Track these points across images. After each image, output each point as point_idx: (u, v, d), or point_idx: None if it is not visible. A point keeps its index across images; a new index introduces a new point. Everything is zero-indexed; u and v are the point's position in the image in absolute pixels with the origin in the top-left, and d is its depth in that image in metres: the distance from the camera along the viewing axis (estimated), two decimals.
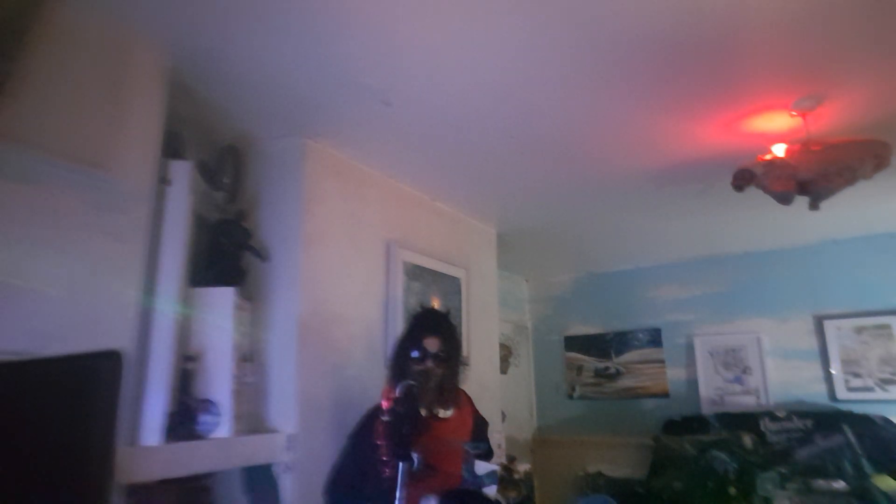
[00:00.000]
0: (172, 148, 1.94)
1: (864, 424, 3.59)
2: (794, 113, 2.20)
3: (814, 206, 2.12)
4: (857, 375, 3.90)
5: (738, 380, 4.28)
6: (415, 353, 1.88)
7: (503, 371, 4.28)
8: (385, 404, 1.61)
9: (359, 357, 2.45)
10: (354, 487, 1.78)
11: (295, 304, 2.21)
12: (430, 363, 1.85)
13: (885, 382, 3.81)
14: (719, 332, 4.43)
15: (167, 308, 1.79)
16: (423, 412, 1.69)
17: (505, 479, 3.27)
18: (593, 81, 2.00)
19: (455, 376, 1.94)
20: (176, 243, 1.85)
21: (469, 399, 2.04)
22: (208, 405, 1.91)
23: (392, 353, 2.00)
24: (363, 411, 1.94)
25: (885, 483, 3.25)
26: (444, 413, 1.86)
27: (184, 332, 1.89)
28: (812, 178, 2.05)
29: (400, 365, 1.91)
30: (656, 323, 4.71)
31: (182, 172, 1.91)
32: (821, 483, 3.40)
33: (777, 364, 4.19)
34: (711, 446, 3.70)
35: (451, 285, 3.22)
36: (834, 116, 2.25)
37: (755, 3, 1.59)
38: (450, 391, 1.88)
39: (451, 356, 1.92)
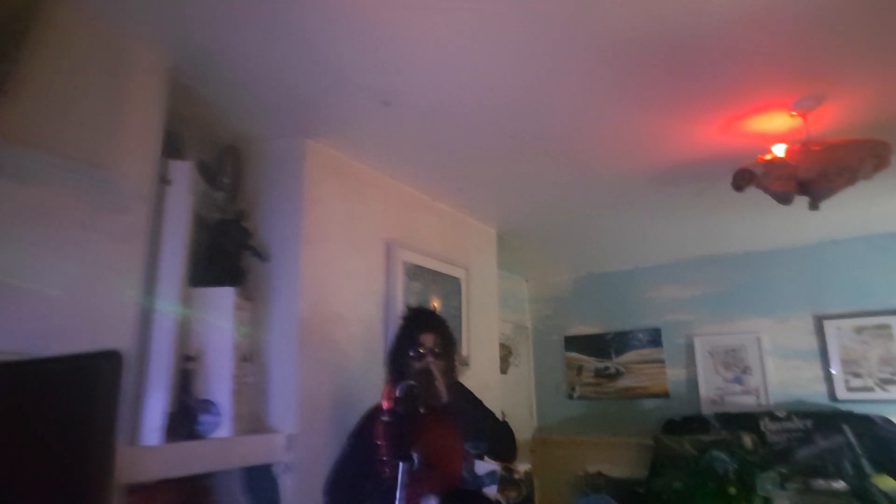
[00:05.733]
0: (172, 148, 1.94)
1: (864, 424, 3.59)
2: (794, 113, 2.20)
3: (814, 206, 2.12)
4: (857, 375, 3.90)
5: (738, 380, 4.28)
6: (412, 352, 1.88)
7: (503, 371, 4.28)
8: (386, 404, 1.61)
9: (359, 357, 2.45)
10: (354, 488, 1.78)
11: (295, 304, 2.21)
12: (427, 361, 1.85)
13: (885, 382, 3.81)
14: (719, 332, 4.43)
15: (167, 308, 1.79)
16: (423, 411, 1.69)
17: (505, 479, 3.26)
18: (593, 81, 2.00)
19: (453, 371, 1.94)
20: (176, 243, 1.85)
21: (468, 393, 2.04)
22: (208, 405, 1.92)
23: (388, 353, 2.00)
24: (363, 411, 1.94)
25: (885, 483, 3.25)
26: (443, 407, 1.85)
27: (184, 332, 1.89)
28: (812, 178, 2.04)
29: (398, 364, 1.91)
30: (656, 323, 4.70)
31: (182, 172, 1.91)
32: (821, 483, 3.40)
33: (777, 364, 4.19)
34: (711, 446, 3.69)
35: (451, 285, 3.22)
36: (834, 116, 2.25)
37: (755, 4, 1.59)
38: (449, 386, 1.88)
39: (448, 351, 1.93)
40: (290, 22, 1.64)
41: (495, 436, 1.97)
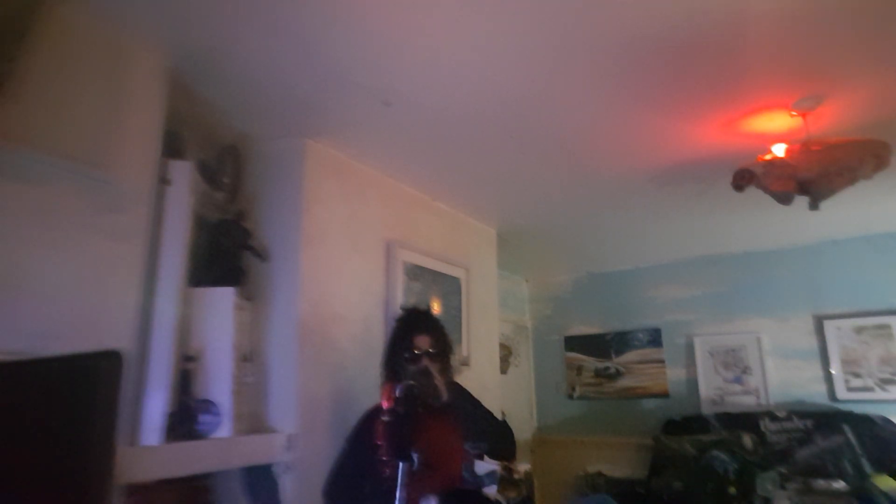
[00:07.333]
0: (172, 148, 1.94)
1: (864, 424, 3.59)
2: (794, 113, 2.20)
3: (814, 206, 2.12)
4: (857, 375, 3.90)
5: (738, 380, 4.28)
6: (407, 354, 1.87)
7: (503, 371, 4.28)
8: (385, 404, 1.61)
9: (359, 357, 2.45)
10: (354, 488, 1.78)
11: (295, 304, 2.21)
12: (424, 361, 1.85)
13: (885, 382, 3.81)
14: (719, 332, 4.43)
15: (167, 308, 1.79)
16: (423, 411, 1.69)
17: (505, 479, 3.26)
18: (593, 82, 2.00)
19: (449, 371, 1.94)
20: (176, 243, 1.85)
21: (466, 393, 2.03)
22: (208, 405, 1.91)
23: (385, 355, 2.00)
24: (363, 411, 1.94)
25: (885, 483, 3.25)
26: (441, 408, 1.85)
27: (184, 332, 1.89)
28: (812, 178, 2.05)
29: (394, 366, 1.91)
30: (656, 323, 4.71)
31: (182, 172, 1.91)
32: (821, 483, 3.40)
33: (777, 364, 4.19)
34: (711, 446, 3.70)
35: (451, 285, 3.22)
36: (834, 116, 2.25)
37: (755, 4, 1.59)
38: (447, 386, 1.88)
39: (443, 351, 1.92)
40: (290, 22, 1.64)
41: (495, 436, 1.97)
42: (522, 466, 3.70)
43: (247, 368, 2.11)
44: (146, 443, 1.67)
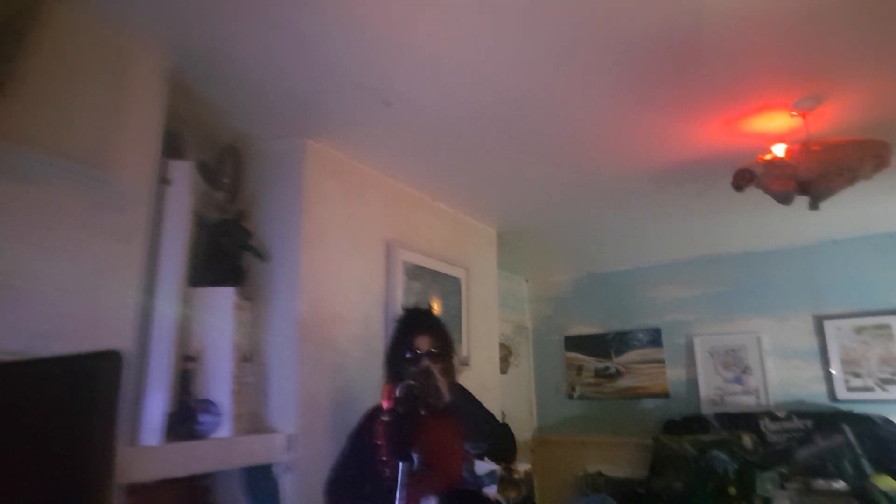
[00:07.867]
0: (172, 148, 1.94)
1: (864, 424, 3.59)
2: (794, 113, 2.20)
3: (814, 206, 2.12)
4: (857, 375, 3.90)
5: (738, 380, 4.28)
6: (408, 354, 1.87)
7: (503, 371, 4.28)
8: (386, 404, 1.61)
9: (359, 357, 2.45)
10: (354, 488, 1.78)
11: (295, 304, 2.21)
12: (425, 362, 1.84)
13: (885, 382, 3.81)
14: (719, 332, 4.43)
15: (167, 308, 1.79)
16: (423, 412, 1.68)
17: (505, 479, 3.26)
18: (593, 81, 2.00)
19: (451, 370, 1.93)
20: (176, 243, 1.85)
21: (468, 394, 2.03)
22: (208, 405, 1.92)
23: (385, 356, 1.99)
24: (363, 411, 1.94)
25: (885, 483, 3.25)
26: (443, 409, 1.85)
27: (184, 332, 1.89)
28: (812, 178, 2.05)
29: (395, 367, 1.90)
30: (656, 323, 4.71)
31: (182, 172, 1.91)
32: (821, 483, 3.40)
33: (777, 364, 4.19)
34: (711, 446, 3.69)
35: (451, 285, 3.22)
36: (834, 116, 2.25)
37: (755, 4, 1.59)
38: (449, 386, 1.88)
39: (445, 351, 1.92)
40: (290, 22, 1.64)
41: (496, 438, 1.96)
42: (522, 466, 3.70)
43: (247, 368, 2.11)
44: (146, 443, 1.67)
